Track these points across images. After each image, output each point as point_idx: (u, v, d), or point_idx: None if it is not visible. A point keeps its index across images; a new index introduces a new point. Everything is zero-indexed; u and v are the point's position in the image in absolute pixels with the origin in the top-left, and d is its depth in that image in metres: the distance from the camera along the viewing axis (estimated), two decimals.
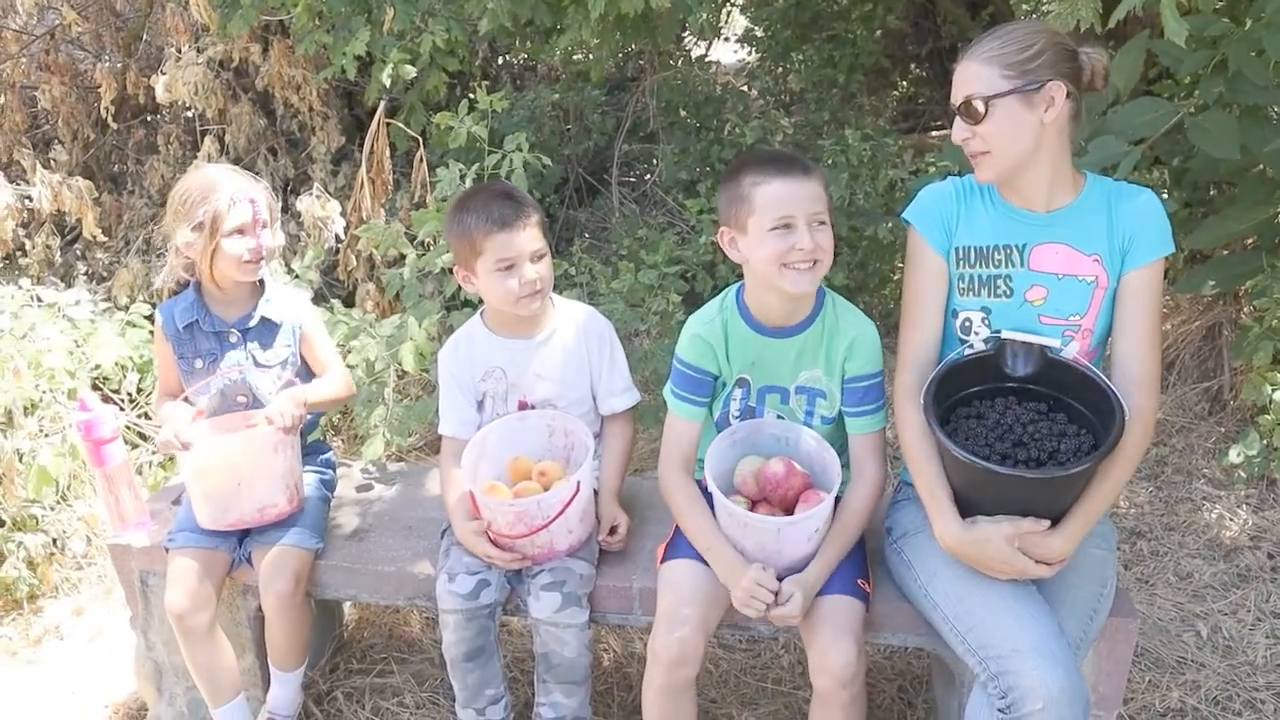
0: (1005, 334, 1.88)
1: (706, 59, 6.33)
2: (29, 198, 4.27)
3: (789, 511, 1.99)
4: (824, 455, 2.01)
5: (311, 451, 2.54)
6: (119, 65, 4.97)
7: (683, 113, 5.64)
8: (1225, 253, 3.59)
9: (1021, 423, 1.79)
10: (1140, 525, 3.23)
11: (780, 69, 6.70)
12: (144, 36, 5.20)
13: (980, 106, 1.80)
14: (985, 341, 1.92)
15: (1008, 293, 1.93)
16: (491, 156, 3.23)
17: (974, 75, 1.81)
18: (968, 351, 1.91)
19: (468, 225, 2.13)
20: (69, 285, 4.30)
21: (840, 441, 2.11)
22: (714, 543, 1.98)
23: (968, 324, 1.97)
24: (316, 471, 2.50)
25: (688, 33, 6.46)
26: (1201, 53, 2.62)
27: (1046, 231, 1.90)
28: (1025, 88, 1.77)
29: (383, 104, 3.67)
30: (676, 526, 2.13)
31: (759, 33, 6.79)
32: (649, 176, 5.72)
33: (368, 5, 4.15)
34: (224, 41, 4.38)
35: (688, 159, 5.31)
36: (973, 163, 1.89)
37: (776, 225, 1.88)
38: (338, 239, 3.92)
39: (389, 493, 2.60)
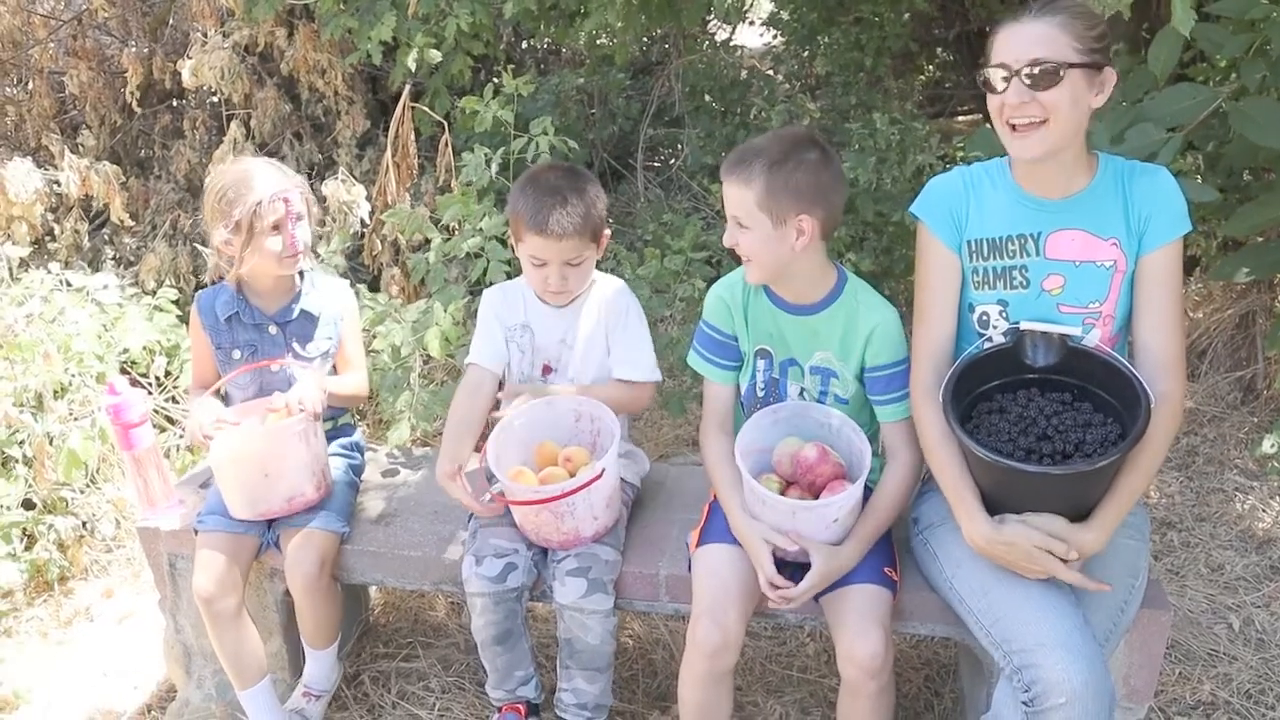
0: (1024, 325, 1.84)
1: (731, 43, 6.28)
2: (57, 182, 4.30)
3: (816, 497, 1.98)
4: (861, 447, 1.99)
5: (338, 435, 2.55)
6: (145, 50, 4.98)
7: (708, 97, 5.60)
8: (1260, 239, 3.53)
9: (1045, 415, 1.75)
10: (1171, 516, 3.19)
11: (806, 53, 6.64)
12: (170, 21, 5.22)
13: (1054, 71, 1.68)
14: (1004, 334, 1.89)
15: (1024, 283, 1.88)
16: (517, 140, 3.22)
17: (1043, 37, 1.69)
18: (986, 345, 1.88)
19: (518, 209, 2.14)
20: (97, 270, 4.33)
21: (862, 425, 2.10)
22: (730, 504, 2.02)
23: (985, 318, 1.93)
24: (344, 455, 2.51)
25: (712, 16, 6.41)
26: (1241, 36, 2.57)
27: (1062, 217, 1.85)
28: (1089, 65, 1.70)
29: (407, 88, 3.65)
30: (709, 511, 2.15)
31: (785, 16, 6.73)
32: (674, 161, 5.69)
33: None
34: (249, 26, 4.38)
35: (713, 143, 5.28)
36: (1015, 136, 1.75)
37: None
38: (363, 223, 3.92)
39: (415, 478, 2.60)
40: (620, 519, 2.21)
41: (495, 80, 3.26)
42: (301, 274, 2.44)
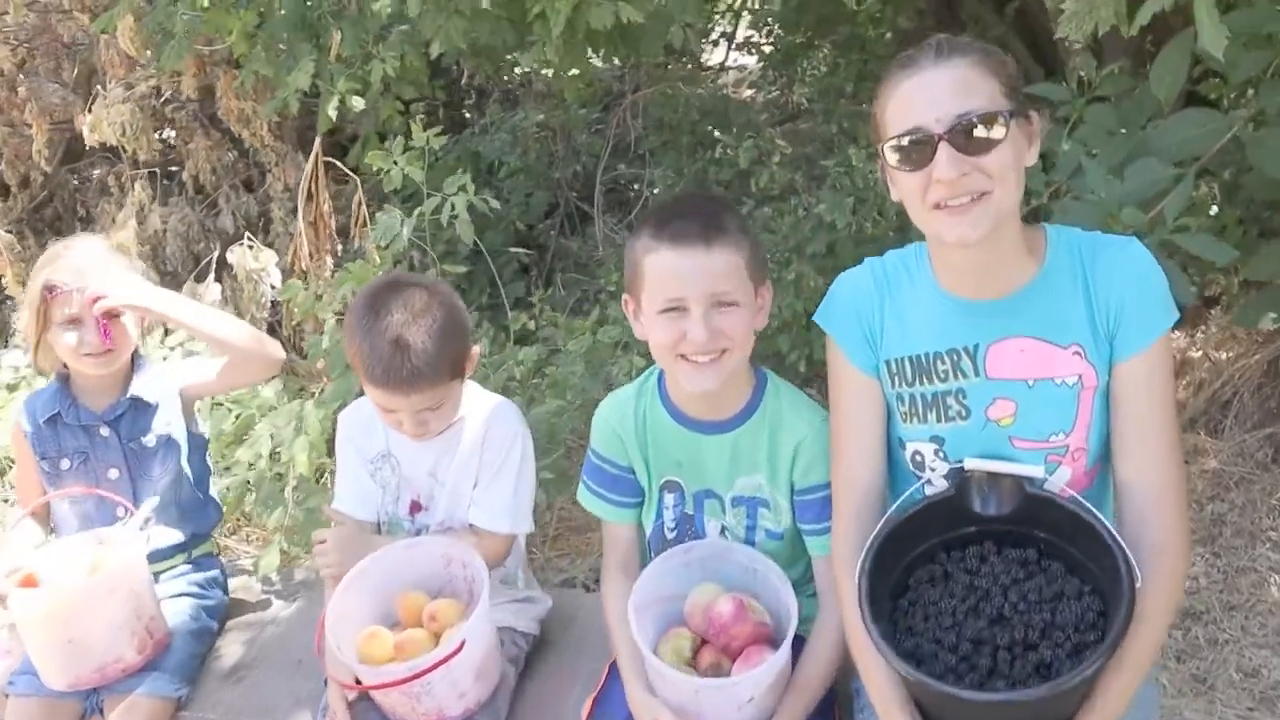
0: (969, 464, 1.40)
1: (704, 69, 5.94)
2: None
3: (734, 661, 1.60)
4: (788, 602, 1.58)
5: (194, 569, 2.18)
6: (70, 99, 4.66)
7: (675, 131, 5.24)
8: None
9: (1001, 585, 1.33)
10: (1195, 605, 2.76)
11: (783, 78, 6.29)
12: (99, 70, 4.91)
13: (1001, 126, 1.28)
14: (945, 476, 1.45)
15: (963, 413, 1.44)
16: (430, 200, 2.86)
17: (965, 84, 1.29)
18: (921, 495, 1.45)
19: (353, 350, 1.73)
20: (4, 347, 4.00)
21: (796, 563, 1.72)
22: (628, 672, 1.63)
23: (919, 458, 1.50)
24: (196, 596, 2.14)
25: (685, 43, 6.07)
26: (1258, 53, 2.18)
27: (1004, 323, 1.41)
28: (1020, 113, 1.31)
29: (318, 141, 3.30)
30: (607, 673, 1.75)
31: (760, 38, 6.39)
32: (640, 201, 5.33)
33: (314, 31, 3.79)
34: (159, 76, 4.05)
35: (682, 182, 4.89)
36: (947, 216, 1.32)
37: (665, 308, 1.48)
38: (274, 288, 3.56)
39: (287, 612, 2.23)
40: (503, 682, 1.82)
41: (406, 134, 2.90)
42: (135, 358, 2.12)
